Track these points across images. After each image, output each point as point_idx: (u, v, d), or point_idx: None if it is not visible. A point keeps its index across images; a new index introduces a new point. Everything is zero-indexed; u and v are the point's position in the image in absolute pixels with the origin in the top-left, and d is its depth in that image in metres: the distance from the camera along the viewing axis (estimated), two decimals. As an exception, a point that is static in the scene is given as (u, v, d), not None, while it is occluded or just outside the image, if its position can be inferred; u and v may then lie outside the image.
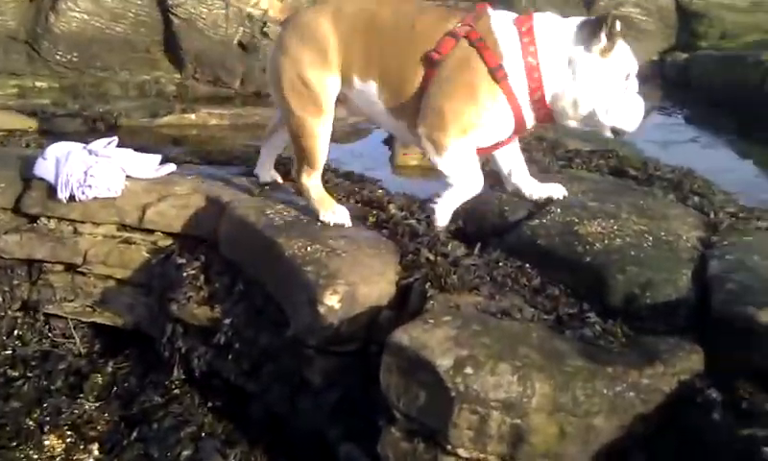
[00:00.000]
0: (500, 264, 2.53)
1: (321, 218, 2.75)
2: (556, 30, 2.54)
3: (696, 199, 3.08)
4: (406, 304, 2.39)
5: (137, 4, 6.36)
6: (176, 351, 2.77)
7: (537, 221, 2.69)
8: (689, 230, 2.70)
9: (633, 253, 2.41)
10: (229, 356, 2.60)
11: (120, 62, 6.26)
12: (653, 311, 2.23)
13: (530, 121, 2.65)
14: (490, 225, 2.83)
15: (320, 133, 2.69)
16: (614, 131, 2.62)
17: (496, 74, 2.51)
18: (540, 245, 2.54)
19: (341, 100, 2.78)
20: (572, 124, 2.65)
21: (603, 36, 2.46)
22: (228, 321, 2.61)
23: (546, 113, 2.63)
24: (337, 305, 2.26)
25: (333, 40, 2.62)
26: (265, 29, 6.41)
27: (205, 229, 3.02)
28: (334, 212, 2.76)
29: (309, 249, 2.50)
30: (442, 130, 2.56)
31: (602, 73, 2.51)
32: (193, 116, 5.14)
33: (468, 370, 1.86)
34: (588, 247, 2.46)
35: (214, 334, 2.63)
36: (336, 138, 2.91)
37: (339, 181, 3.30)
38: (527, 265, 2.52)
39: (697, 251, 2.53)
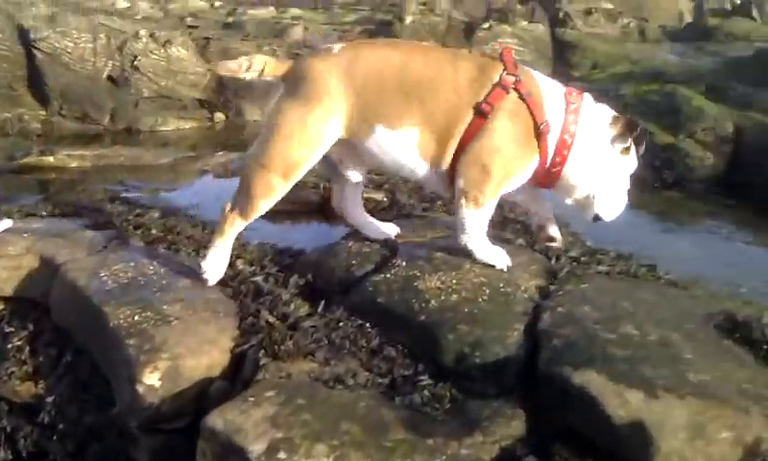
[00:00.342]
0: (341, 324, 2.49)
1: (203, 266, 2.64)
2: (596, 118, 2.67)
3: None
4: (240, 373, 2.31)
5: (-4, 38, 6.05)
6: (0, 430, 2.57)
7: (380, 276, 2.66)
8: (530, 279, 2.73)
9: (467, 309, 2.41)
10: (54, 436, 2.44)
11: (-22, 101, 5.92)
12: (483, 371, 2.23)
13: (533, 181, 2.74)
14: (337, 280, 2.79)
15: (277, 196, 2.63)
16: (597, 218, 2.81)
17: (542, 130, 2.58)
18: (380, 303, 2.51)
19: (340, 154, 2.71)
20: (566, 200, 2.80)
21: (629, 139, 2.65)
22: (51, 399, 2.44)
23: (550, 182, 2.75)
24: (157, 383, 2.15)
25: (346, 95, 2.55)
26: (136, 63, 6.22)
27: (38, 292, 2.84)
28: (217, 269, 2.67)
29: (137, 317, 2.37)
30: (483, 186, 2.60)
31: (616, 170, 2.73)
32: (51, 159, 4.88)
33: (282, 454, 1.79)
34: (424, 304, 2.44)
35: (39, 412, 2.45)
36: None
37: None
38: (368, 324, 2.49)
39: (533, 302, 2.57)
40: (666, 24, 11.08)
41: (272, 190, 2.60)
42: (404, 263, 2.75)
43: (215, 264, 2.66)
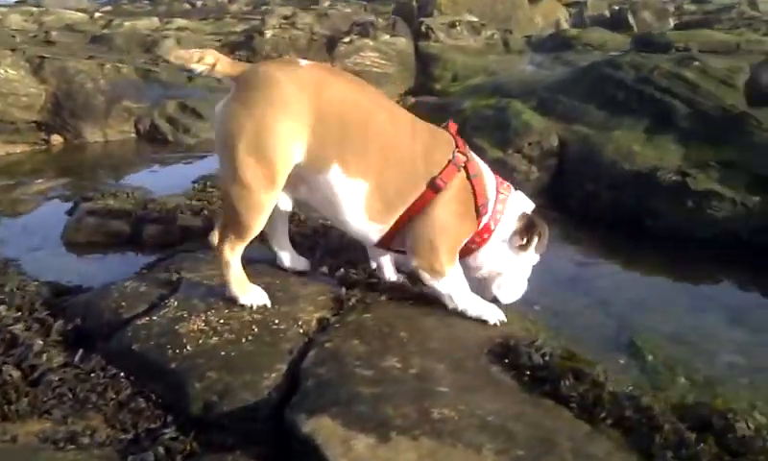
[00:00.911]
0: (92, 375, 2.33)
1: (240, 302, 2.56)
2: (515, 213, 2.79)
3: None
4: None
5: None
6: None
7: (144, 320, 2.51)
8: (314, 312, 2.66)
9: (223, 353, 2.30)
10: None
11: None
12: (231, 420, 2.12)
13: None
14: (105, 323, 2.61)
15: (265, 206, 2.48)
16: (494, 300, 2.86)
17: (480, 209, 2.69)
18: (135, 350, 2.36)
19: (292, 182, 2.55)
20: (468, 274, 2.83)
21: (525, 238, 2.78)
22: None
23: (463, 256, 2.80)
24: None
25: (311, 116, 2.43)
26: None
27: None
28: (251, 293, 2.60)
29: None
30: (436, 261, 2.65)
31: (511, 262, 2.84)
32: None
33: None
34: (179, 350, 2.32)
35: None
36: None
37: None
38: (122, 374, 2.34)
39: (306, 338, 2.49)
40: (533, 34, 11.38)
41: (260, 212, 2.49)
42: (176, 303, 2.62)
43: (246, 291, 2.60)
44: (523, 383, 2.35)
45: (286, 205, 2.73)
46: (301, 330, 2.52)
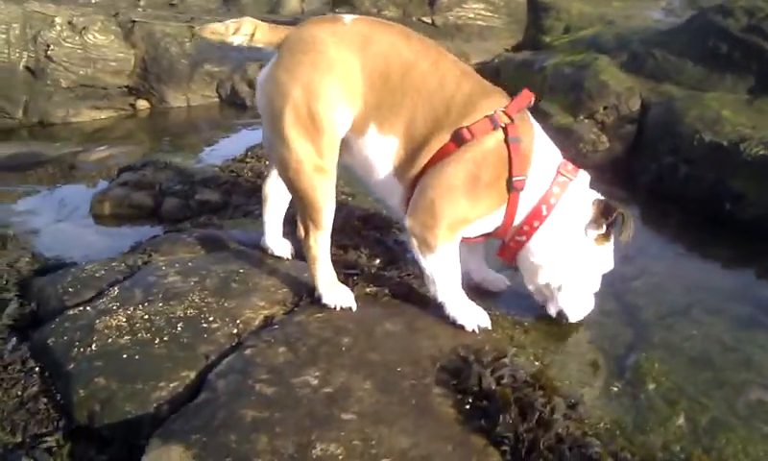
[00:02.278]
0: (9, 368, 2.23)
1: (324, 301, 2.37)
2: (582, 201, 2.35)
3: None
4: None
5: None
6: None
7: (78, 310, 2.38)
8: (266, 308, 2.43)
9: (126, 355, 2.12)
10: None
11: None
12: (114, 433, 1.94)
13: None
14: (50, 310, 2.51)
15: (326, 183, 2.27)
16: (560, 314, 2.44)
17: (514, 184, 2.25)
18: (49, 345, 2.23)
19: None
20: (528, 285, 2.47)
21: (605, 225, 2.32)
22: None
23: (509, 253, 2.45)
24: None
25: (358, 75, 2.25)
26: (49, 52, 6.05)
27: None
28: (339, 294, 2.38)
29: None
30: (432, 228, 2.27)
31: (588, 262, 2.38)
32: None
33: None
34: (84, 349, 2.16)
35: None
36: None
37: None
38: (38, 369, 2.21)
39: (237, 339, 2.25)
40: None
41: (320, 186, 2.26)
42: (116, 293, 2.47)
43: (331, 289, 2.39)
44: (463, 413, 1.96)
45: None
46: (235, 331, 2.29)
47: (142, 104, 6.32)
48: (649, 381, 2.17)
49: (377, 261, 2.87)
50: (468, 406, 1.98)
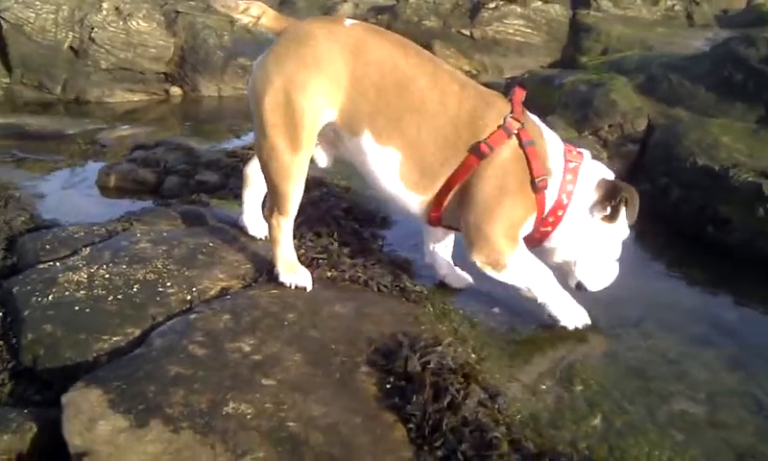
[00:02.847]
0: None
1: (281, 279, 2.46)
2: (593, 181, 2.47)
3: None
4: None
5: (-35, 8, 6.34)
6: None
7: (48, 265, 2.53)
8: (225, 281, 2.54)
9: (77, 307, 2.26)
10: None
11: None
12: (54, 377, 2.06)
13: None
14: (26, 263, 2.66)
15: (294, 172, 2.34)
16: (579, 286, 2.58)
17: (538, 185, 2.37)
18: (12, 293, 2.37)
19: (327, 137, 2.47)
20: (548, 261, 2.56)
21: (609, 207, 2.44)
22: None
23: (539, 240, 2.54)
24: None
25: (346, 77, 2.31)
26: (93, 34, 6.34)
27: None
28: (296, 273, 2.48)
29: None
30: (493, 250, 2.40)
31: (602, 237, 2.50)
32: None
33: None
34: (42, 298, 2.30)
35: None
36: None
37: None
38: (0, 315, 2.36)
39: (188, 305, 2.36)
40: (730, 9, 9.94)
41: (291, 175, 2.35)
42: (87, 252, 2.61)
43: (289, 269, 2.49)
44: (382, 391, 2.03)
45: (322, 162, 2.60)
46: (189, 297, 2.41)
47: (175, 90, 6.57)
48: (577, 383, 2.19)
49: (347, 249, 2.95)
50: (388, 386, 2.04)
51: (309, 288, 2.47)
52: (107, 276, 2.43)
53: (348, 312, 2.41)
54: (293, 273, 2.47)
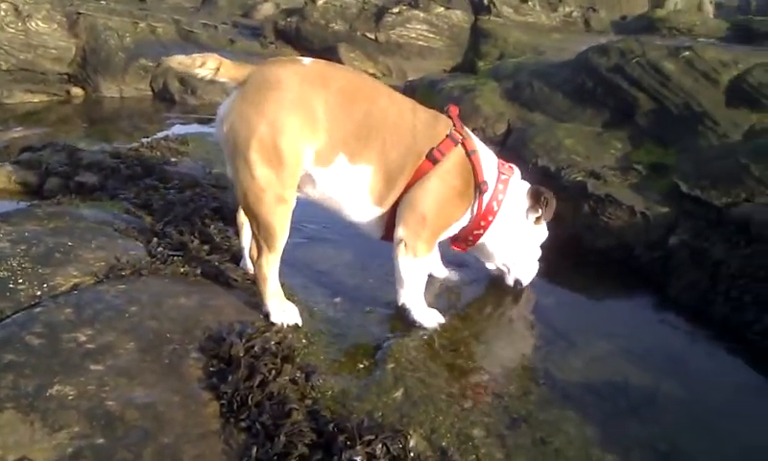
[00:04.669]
0: None
1: (271, 319, 2.57)
2: (519, 192, 2.85)
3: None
4: None
5: None
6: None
7: None
8: (78, 277, 2.71)
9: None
10: None
11: None
12: None
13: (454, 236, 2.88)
14: None
15: (283, 211, 2.46)
16: (516, 282, 3.03)
17: (481, 187, 2.69)
18: None
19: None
20: (487, 265, 3.04)
21: (540, 209, 2.84)
22: None
23: (466, 244, 2.91)
24: None
25: (321, 110, 2.46)
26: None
27: None
28: (285, 311, 2.59)
29: None
30: (421, 235, 2.65)
31: (531, 239, 2.94)
32: None
33: None
34: None
35: None
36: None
37: None
38: None
39: (35, 300, 2.54)
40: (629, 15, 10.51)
41: (278, 215, 2.47)
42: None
43: (283, 308, 2.61)
44: (206, 373, 2.27)
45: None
46: (39, 293, 2.58)
47: (77, 91, 6.65)
48: (390, 361, 2.47)
49: (206, 247, 3.16)
50: (212, 368, 2.28)
51: (300, 324, 2.60)
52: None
53: (191, 304, 2.63)
54: (282, 311, 2.60)
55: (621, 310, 3.13)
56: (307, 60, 2.60)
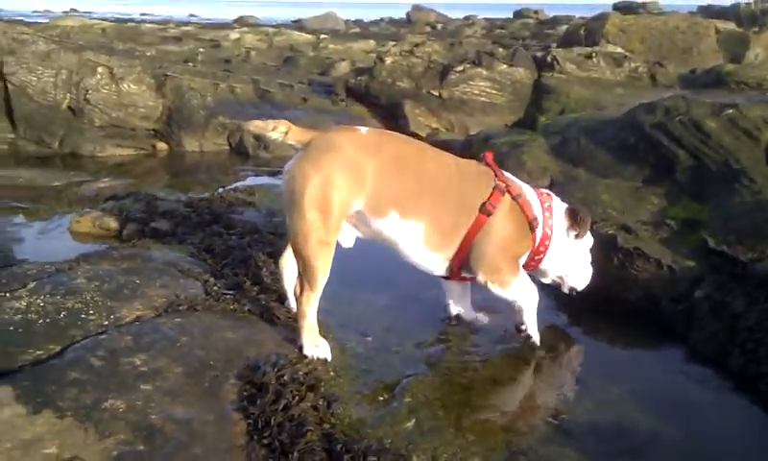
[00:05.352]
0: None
1: (305, 351, 2.88)
2: (560, 213, 3.21)
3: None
4: None
5: (-22, 72, 7.15)
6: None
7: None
8: (141, 310, 3.09)
9: (11, 328, 2.82)
10: None
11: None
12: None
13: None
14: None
15: (325, 253, 2.81)
16: (572, 290, 3.35)
17: (532, 223, 3.09)
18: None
19: (351, 223, 2.98)
20: (543, 280, 3.38)
21: (578, 227, 3.20)
22: None
23: (535, 266, 3.25)
24: None
25: (370, 173, 2.83)
26: (87, 96, 7.09)
27: None
28: (317, 346, 2.90)
29: None
30: (500, 272, 3.06)
31: (578, 250, 3.28)
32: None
33: None
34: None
35: None
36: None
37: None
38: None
39: (101, 328, 2.92)
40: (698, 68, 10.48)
41: (321, 256, 2.80)
42: (32, 285, 3.20)
43: (313, 343, 2.90)
44: (240, 397, 2.57)
45: (349, 242, 3.07)
46: (106, 323, 2.95)
47: (161, 146, 7.28)
48: (407, 396, 2.71)
49: (256, 287, 3.50)
50: (245, 393, 2.58)
51: (329, 359, 2.90)
52: (41, 304, 3.00)
53: (236, 338, 2.96)
54: (315, 346, 2.90)
55: (641, 358, 3.25)
56: (364, 130, 3.01)
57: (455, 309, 3.41)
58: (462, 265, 3.10)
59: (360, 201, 2.86)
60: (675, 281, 3.50)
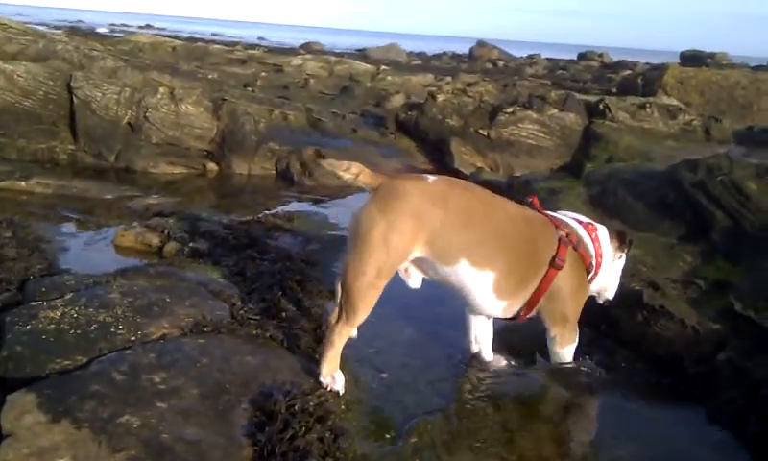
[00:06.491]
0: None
1: (320, 379, 2.96)
2: (605, 237, 3.35)
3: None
4: None
5: (48, 84, 7.52)
6: None
7: (34, 304, 3.30)
8: (167, 329, 3.22)
9: (44, 336, 2.99)
10: None
11: (22, 131, 7.36)
12: (15, 384, 2.77)
13: None
14: (27, 300, 3.44)
15: (372, 294, 2.88)
16: (606, 301, 3.53)
17: (589, 269, 3.25)
18: (5, 321, 3.14)
19: (418, 265, 3.08)
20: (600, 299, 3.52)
21: (626, 248, 3.40)
22: None
23: None
24: None
25: (436, 222, 2.89)
26: (147, 114, 7.39)
27: None
28: (333, 378, 2.96)
29: None
30: (570, 331, 3.26)
31: (618, 269, 3.46)
32: (23, 184, 6.07)
33: None
34: (20, 327, 3.05)
35: None
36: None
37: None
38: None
39: (129, 343, 3.06)
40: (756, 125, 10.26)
41: (367, 296, 2.88)
42: (69, 296, 3.37)
43: (330, 371, 2.97)
44: (250, 423, 2.66)
45: (416, 283, 3.15)
46: (133, 338, 3.11)
47: (212, 166, 7.52)
48: (414, 436, 2.75)
49: (283, 314, 3.60)
50: (255, 419, 2.67)
51: (342, 393, 2.95)
52: (75, 315, 3.17)
53: (255, 363, 3.06)
54: (331, 377, 2.97)
55: (657, 418, 3.21)
56: (431, 178, 3.03)
57: (475, 347, 3.44)
58: (529, 312, 3.19)
59: (422, 249, 2.92)
60: (699, 343, 3.46)
